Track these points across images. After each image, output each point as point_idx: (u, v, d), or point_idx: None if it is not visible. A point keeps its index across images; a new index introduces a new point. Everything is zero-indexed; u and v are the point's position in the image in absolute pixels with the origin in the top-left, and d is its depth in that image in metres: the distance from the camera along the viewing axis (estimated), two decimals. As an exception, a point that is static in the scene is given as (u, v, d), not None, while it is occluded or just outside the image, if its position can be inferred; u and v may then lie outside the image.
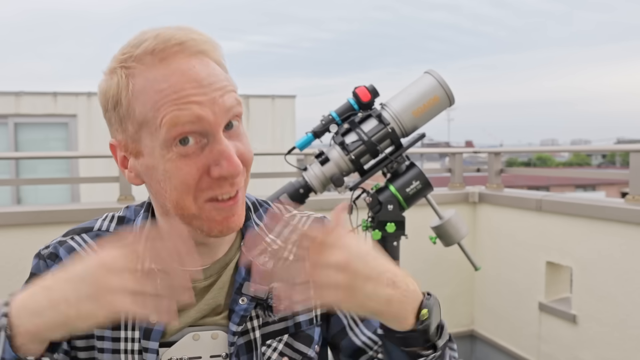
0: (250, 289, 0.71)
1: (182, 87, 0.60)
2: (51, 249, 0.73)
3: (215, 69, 0.64)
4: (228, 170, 0.61)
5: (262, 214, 0.80)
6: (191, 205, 0.64)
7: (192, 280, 0.71)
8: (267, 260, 0.74)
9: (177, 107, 0.60)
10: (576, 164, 29.43)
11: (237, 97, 0.64)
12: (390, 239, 1.71)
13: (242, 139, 0.66)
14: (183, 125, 0.60)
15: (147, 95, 0.61)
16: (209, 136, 0.62)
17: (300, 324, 0.75)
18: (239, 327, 0.71)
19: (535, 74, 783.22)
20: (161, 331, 0.69)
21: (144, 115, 0.62)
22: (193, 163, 0.61)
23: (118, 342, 0.70)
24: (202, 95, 0.60)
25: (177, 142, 0.61)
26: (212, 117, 0.61)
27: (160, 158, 0.62)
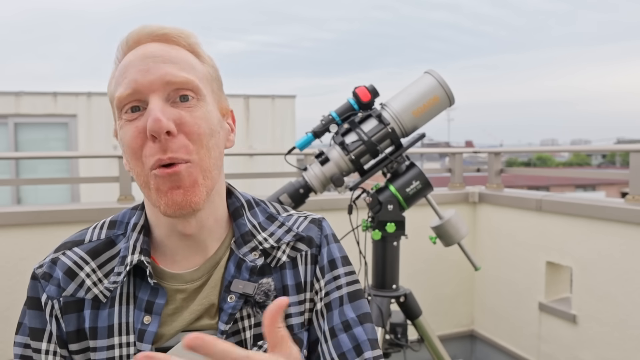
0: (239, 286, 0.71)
1: (129, 63, 0.66)
2: (45, 268, 0.73)
3: (178, 51, 0.68)
4: (149, 125, 0.62)
5: (257, 213, 0.79)
6: (141, 172, 0.66)
7: (184, 281, 0.71)
8: (257, 258, 0.73)
9: (121, 81, 0.66)
10: (576, 164, 29.43)
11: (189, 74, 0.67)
12: (390, 239, 1.72)
13: (193, 111, 0.66)
14: (124, 97, 0.65)
15: (114, 78, 0.69)
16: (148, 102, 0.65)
17: (292, 327, 0.74)
18: (227, 326, 0.70)
19: (536, 74, 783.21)
20: (154, 332, 0.68)
21: (111, 95, 0.70)
22: (134, 126, 0.65)
23: (113, 349, 0.69)
24: (142, 66, 0.65)
25: (127, 110, 0.66)
26: (146, 84, 0.65)
27: (119, 128, 0.68)
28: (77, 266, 0.72)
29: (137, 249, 0.71)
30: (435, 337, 1.86)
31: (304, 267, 0.77)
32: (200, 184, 0.66)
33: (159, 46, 0.67)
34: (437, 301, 2.93)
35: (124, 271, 0.70)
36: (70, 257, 0.73)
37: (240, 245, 0.74)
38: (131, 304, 0.70)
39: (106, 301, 0.70)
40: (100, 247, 0.74)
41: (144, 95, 0.65)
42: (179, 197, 0.65)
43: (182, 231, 0.71)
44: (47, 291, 0.71)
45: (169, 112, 0.64)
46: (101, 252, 0.73)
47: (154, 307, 0.69)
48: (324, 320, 0.75)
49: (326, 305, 0.76)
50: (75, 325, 0.70)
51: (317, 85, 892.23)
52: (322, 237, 0.79)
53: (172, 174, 0.64)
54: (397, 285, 1.76)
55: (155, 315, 0.69)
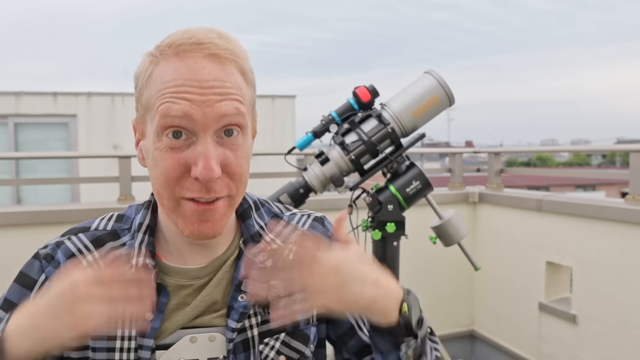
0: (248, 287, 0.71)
1: (183, 83, 0.62)
2: (49, 249, 0.73)
3: (231, 75, 0.65)
4: (201, 172, 0.62)
5: (263, 214, 0.81)
6: (169, 198, 0.65)
7: (190, 278, 0.72)
8: (266, 259, 0.74)
9: (172, 100, 0.62)
10: (576, 164, 29.43)
11: (241, 108, 0.65)
12: (390, 239, 1.72)
13: (236, 150, 0.66)
14: (172, 118, 0.62)
15: (155, 83, 0.65)
16: (197, 136, 0.63)
17: (298, 323, 0.76)
18: (237, 324, 0.71)
19: (537, 74, 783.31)
20: (156, 329, 0.69)
21: (148, 100, 0.66)
22: (177, 158, 0.64)
23: (114, 340, 0.70)
24: (198, 95, 0.62)
25: (169, 134, 0.63)
26: (201, 117, 0.62)
27: (152, 145, 0.65)
28: (80, 253, 0.73)
29: (142, 251, 0.72)
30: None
31: None
32: (227, 216, 0.69)
33: (214, 69, 0.64)
34: (437, 301, 2.93)
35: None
36: (74, 243, 0.73)
37: (250, 245, 0.76)
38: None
39: None
40: (104, 237, 0.75)
41: (195, 127, 0.63)
42: (206, 230, 0.66)
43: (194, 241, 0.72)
44: (46, 272, 0.71)
45: (216, 155, 0.63)
46: (105, 242, 0.74)
47: (157, 304, 0.70)
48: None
49: None
50: None
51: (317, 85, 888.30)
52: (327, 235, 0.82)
53: (207, 210, 0.65)
54: (397, 285, 1.76)
55: (159, 313, 0.70)
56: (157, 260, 0.73)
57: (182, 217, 0.66)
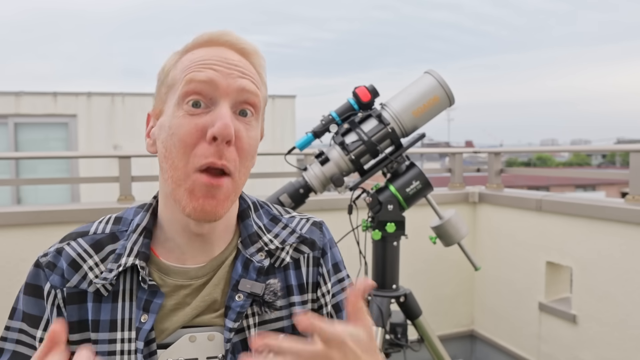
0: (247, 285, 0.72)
1: (210, 59, 0.69)
2: (49, 257, 0.73)
3: (252, 68, 0.72)
4: (219, 129, 0.64)
5: (262, 215, 0.81)
6: (183, 168, 0.67)
7: (189, 278, 0.73)
8: (263, 259, 0.75)
9: (198, 69, 0.68)
10: (576, 164, 29.42)
11: (257, 92, 0.70)
12: (390, 239, 1.72)
13: (249, 129, 0.69)
14: (196, 84, 0.66)
15: (183, 63, 0.70)
16: (216, 104, 0.67)
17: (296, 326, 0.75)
18: (235, 324, 0.71)
19: (537, 74, 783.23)
20: (147, 330, 0.69)
21: (173, 77, 0.70)
22: (194, 122, 0.66)
23: (114, 343, 0.70)
24: (224, 68, 0.68)
25: (189, 102, 0.67)
26: (224, 85, 0.67)
27: (172, 115, 0.68)
28: (80, 258, 0.73)
29: (134, 252, 0.72)
30: (435, 337, 1.85)
31: (307, 269, 0.79)
32: (230, 200, 0.70)
33: (239, 58, 0.71)
34: (437, 301, 2.93)
35: (115, 270, 0.71)
36: (74, 248, 0.73)
37: (248, 245, 0.76)
38: (133, 301, 0.71)
39: (107, 295, 0.71)
40: (103, 240, 0.75)
41: (216, 94, 0.67)
42: (209, 207, 0.67)
43: (195, 231, 0.73)
44: (50, 280, 0.71)
45: (232, 121, 0.67)
46: (104, 245, 0.74)
47: (152, 306, 0.70)
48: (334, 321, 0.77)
49: (334, 306, 0.80)
50: (77, 316, 0.71)
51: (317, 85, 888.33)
52: (326, 242, 0.82)
53: (215, 186, 0.66)
54: (397, 285, 1.76)
55: (152, 314, 0.70)
56: (156, 260, 0.74)
57: (189, 192, 0.67)
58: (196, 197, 0.67)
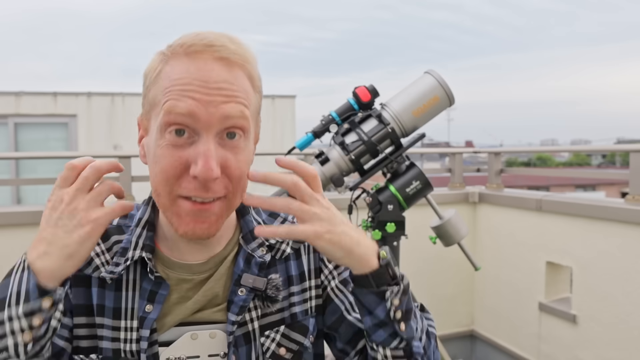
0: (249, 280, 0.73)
1: (190, 82, 0.63)
2: None
3: (238, 79, 0.66)
4: (200, 170, 0.62)
5: (260, 211, 0.82)
6: (166, 196, 0.66)
7: (191, 272, 0.74)
8: (264, 254, 0.76)
9: (177, 97, 0.63)
10: (576, 164, 29.42)
11: (245, 112, 0.66)
12: (390, 239, 1.71)
13: (237, 153, 0.66)
14: (176, 115, 0.63)
15: (163, 80, 0.66)
16: (199, 135, 0.64)
17: (296, 315, 0.78)
18: (237, 317, 0.72)
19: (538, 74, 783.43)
20: (153, 319, 0.70)
21: (154, 97, 0.67)
22: (177, 156, 0.64)
23: (118, 330, 0.71)
24: (204, 95, 0.63)
25: (172, 131, 0.64)
26: (205, 116, 0.63)
27: (155, 141, 0.66)
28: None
29: (140, 245, 0.73)
30: (435, 337, 1.85)
31: (307, 257, 0.80)
32: (223, 218, 0.69)
33: (222, 71, 0.65)
34: (437, 301, 2.93)
35: (122, 265, 0.72)
36: None
37: (249, 241, 0.77)
38: (137, 291, 0.72)
39: (111, 283, 0.72)
40: (110, 230, 0.76)
41: (198, 126, 0.63)
42: (200, 230, 0.67)
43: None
44: None
45: (217, 155, 0.64)
46: (110, 235, 0.76)
47: (157, 296, 0.71)
48: (345, 293, 0.79)
49: (342, 282, 0.80)
50: (83, 300, 0.72)
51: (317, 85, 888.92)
52: None
53: (203, 211, 0.66)
54: (397, 285, 1.76)
55: (157, 304, 0.71)
56: (159, 253, 0.74)
57: (177, 216, 0.66)
58: (185, 221, 0.66)
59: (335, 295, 0.79)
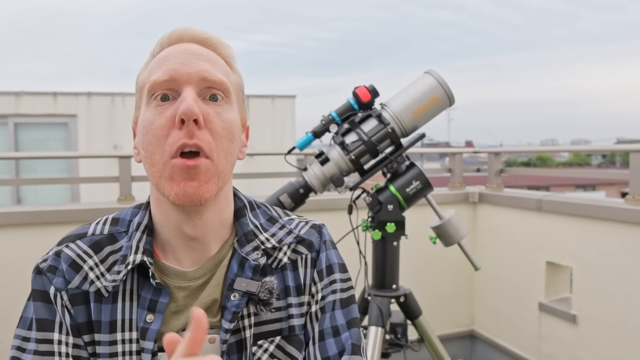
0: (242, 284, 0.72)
1: (171, 53, 0.70)
2: (50, 261, 0.72)
3: (217, 59, 0.72)
4: (182, 109, 0.65)
5: (258, 214, 0.80)
6: (159, 160, 0.67)
7: (187, 279, 0.72)
8: (260, 257, 0.74)
9: (159, 67, 0.69)
10: (576, 164, 29.41)
11: (224, 78, 0.70)
12: (390, 239, 1.72)
13: (220, 112, 0.69)
14: (159, 83, 0.68)
15: (150, 67, 0.72)
16: (181, 92, 0.68)
17: (294, 328, 0.75)
18: (231, 325, 0.70)
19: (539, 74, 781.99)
20: (156, 330, 0.69)
21: (142, 81, 0.72)
22: (164, 115, 0.67)
23: (115, 344, 0.70)
24: (182, 59, 0.69)
25: (157, 97, 0.68)
26: (184, 75, 0.68)
27: (143, 114, 0.70)
28: (80, 259, 0.72)
29: (140, 249, 0.71)
30: (435, 337, 1.86)
31: (304, 270, 0.78)
32: (214, 182, 0.69)
33: (199, 47, 0.72)
34: (437, 301, 2.93)
35: (124, 270, 0.71)
36: (73, 250, 0.73)
37: (243, 244, 0.75)
38: (134, 301, 0.71)
39: (108, 296, 0.71)
40: (102, 241, 0.74)
41: (179, 85, 0.68)
42: (191, 189, 0.66)
43: (188, 233, 0.72)
44: (54, 284, 0.71)
45: (199, 106, 0.67)
46: (103, 246, 0.74)
47: (157, 305, 0.70)
48: (316, 323, 0.77)
49: (321, 308, 0.77)
50: (84, 317, 0.71)
51: (318, 85, 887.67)
52: (321, 243, 0.81)
53: (191, 167, 0.66)
54: (397, 285, 1.76)
55: (159, 314, 0.70)
56: (156, 260, 0.73)
57: (169, 179, 0.67)
58: (176, 181, 0.66)
59: (309, 320, 0.78)
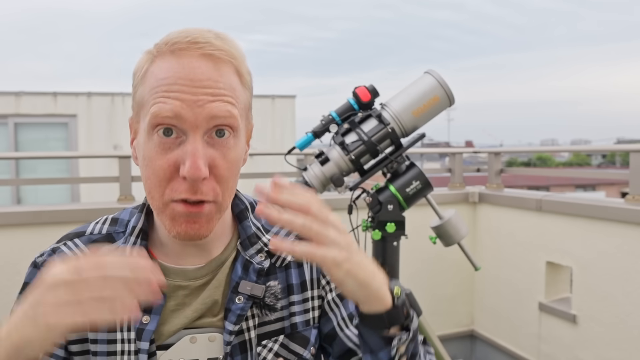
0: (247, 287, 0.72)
1: (175, 82, 0.62)
2: (45, 256, 0.73)
3: (225, 76, 0.65)
4: (188, 171, 0.62)
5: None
6: (159, 199, 0.65)
7: (187, 278, 0.72)
8: (263, 260, 0.74)
9: (163, 98, 0.62)
10: (576, 164, 29.41)
11: (233, 110, 0.64)
12: (390, 239, 1.71)
13: (226, 151, 0.65)
14: (162, 117, 0.62)
15: (149, 81, 0.65)
16: (187, 134, 0.63)
17: (296, 325, 0.76)
18: (235, 327, 0.71)
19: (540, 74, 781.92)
20: (152, 331, 0.69)
21: (141, 97, 0.66)
22: (167, 158, 0.64)
23: (114, 343, 0.70)
24: (190, 95, 0.62)
25: (159, 131, 0.63)
26: (191, 117, 0.62)
27: (144, 143, 0.65)
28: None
29: (134, 254, 0.71)
30: (435, 337, 1.85)
31: (309, 266, 0.79)
32: (215, 220, 0.68)
33: (207, 68, 0.64)
34: (437, 301, 2.93)
35: None
36: (70, 248, 0.73)
37: (247, 247, 0.75)
38: None
39: None
40: (100, 241, 0.74)
41: (184, 125, 0.63)
42: (192, 231, 0.66)
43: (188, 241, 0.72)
44: None
45: (205, 155, 0.63)
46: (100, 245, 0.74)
47: (153, 307, 0.70)
48: (340, 308, 0.78)
49: (339, 295, 0.78)
50: None
51: (318, 85, 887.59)
52: None
53: (195, 212, 0.65)
54: (397, 285, 1.76)
55: (155, 315, 0.70)
56: (154, 261, 0.73)
57: (170, 218, 0.66)
58: (178, 222, 0.66)
59: (330, 308, 0.78)
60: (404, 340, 0.66)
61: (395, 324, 0.65)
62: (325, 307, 0.78)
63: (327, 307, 0.78)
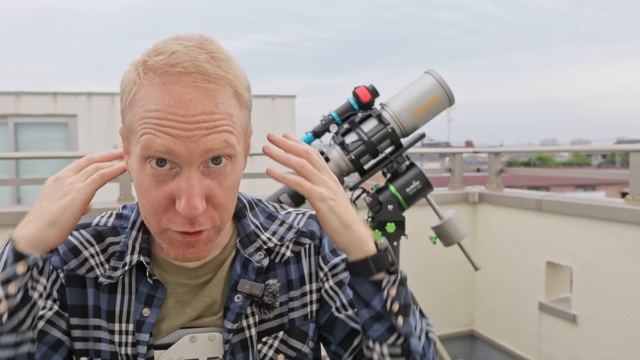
0: (245, 286, 0.72)
1: (166, 117, 0.58)
2: None
3: (220, 104, 0.60)
4: (184, 209, 0.60)
5: (257, 213, 0.80)
6: (155, 225, 0.64)
7: (188, 276, 0.73)
8: (262, 258, 0.75)
9: (154, 132, 0.59)
10: (576, 164, 29.41)
11: (230, 139, 0.61)
12: (390, 239, 1.71)
13: (223, 180, 0.63)
14: (155, 151, 0.59)
15: (139, 107, 0.60)
16: (181, 167, 0.60)
17: (294, 320, 0.76)
18: (234, 325, 0.71)
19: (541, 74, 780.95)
20: (152, 324, 0.70)
21: (131, 123, 0.62)
22: (162, 190, 0.61)
23: (113, 334, 0.71)
24: (182, 130, 0.58)
25: (152, 162, 0.60)
26: (185, 153, 0.59)
27: (137, 170, 0.63)
28: (82, 245, 0.73)
29: (137, 249, 0.72)
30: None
31: (308, 260, 0.79)
32: (213, 242, 0.67)
33: (201, 99, 0.59)
34: (437, 301, 2.93)
35: (121, 269, 0.71)
36: (76, 237, 0.74)
37: (246, 245, 0.75)
38: (132, 294, 0.72)
39: (106, 285, 0.72)
40: (105, 232, 0.75)
41: (179, 161, 0.60)
42: (190, 255, 0.65)
43: None
44: (52, 262, 0.71)
45: (200, 189, 0.61)
46: (104, 237, 0.75)
47: (154, 300, 0.71)
48: (339, 294, 0.78)
49: (337, 283, 0.78)
50: (77, 300, 0.72)
51: (318, 85, 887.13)
52: (322, 230, 0.81)
53: (192, 241, 0.64)
54: (397, 285, 1.76)
55: (155, 308, 0.70)
56: (155, 256, 0.74)
57: (167, 243, 0.65)
58: (176, 247, 0.65)
59: (329, 296, 0.78)
60: (392, 281, 0.69)
61: (381, 269, 0.69)
62: (324, 296, 0.78)
63: (325, 296, 0.78)
